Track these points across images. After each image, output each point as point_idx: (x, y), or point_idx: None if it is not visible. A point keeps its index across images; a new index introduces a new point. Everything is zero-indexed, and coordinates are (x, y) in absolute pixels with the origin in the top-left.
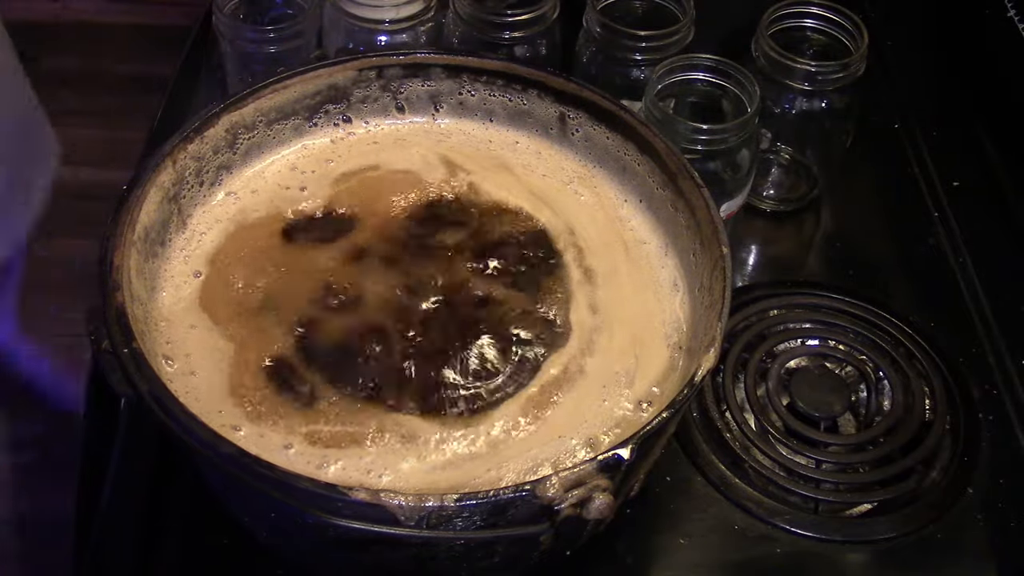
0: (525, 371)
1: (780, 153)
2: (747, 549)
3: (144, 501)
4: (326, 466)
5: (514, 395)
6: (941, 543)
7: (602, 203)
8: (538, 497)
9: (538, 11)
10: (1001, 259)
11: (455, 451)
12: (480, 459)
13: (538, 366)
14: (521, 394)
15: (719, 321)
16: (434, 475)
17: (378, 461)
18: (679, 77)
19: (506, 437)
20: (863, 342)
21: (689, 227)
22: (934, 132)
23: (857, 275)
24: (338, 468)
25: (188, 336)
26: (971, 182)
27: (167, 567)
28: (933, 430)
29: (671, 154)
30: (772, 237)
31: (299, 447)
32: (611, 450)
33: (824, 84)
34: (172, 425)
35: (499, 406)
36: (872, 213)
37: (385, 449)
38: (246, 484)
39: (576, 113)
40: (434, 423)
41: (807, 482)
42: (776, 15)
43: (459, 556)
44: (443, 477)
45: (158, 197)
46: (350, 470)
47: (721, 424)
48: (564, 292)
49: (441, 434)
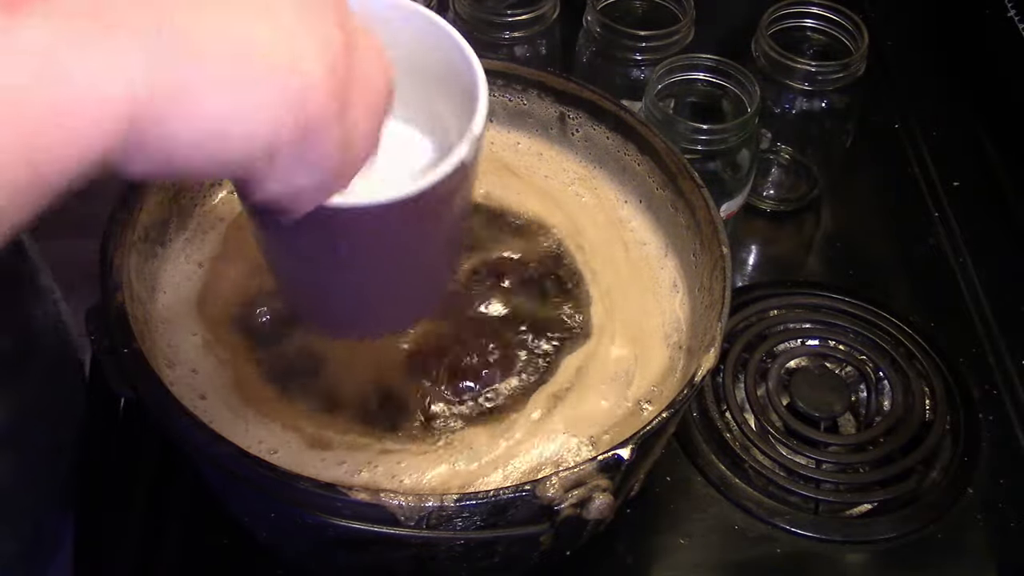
0: (537, 371)
1: (780, 153)
2: (747, 549)
3: (144, 501)
4: (326, 468)
5: (522, 395)
6: (941, 543)
7: (602, 204)
8: (538, 497)
9: (538, 11)
10: (1001, 259)
11: (472, 451)
12: (487, 459)
13: (549, 367)
14: (529, 394)
15: (719, 321)
16: (443, 476)
17: (387, 464)
18: (679, 77)
19: (510, 437)
20: (863, 342)
21: (689, 227)
22: (934, 132)
23: (857, 275)
24: (341, 468)
25: (189, 337)
26: (971, 182)
27: (167, 567)
28: (933, 430)
29: (671, 154)
30: (772, 237)
31: (299, 449)
32: (611, 450)
33: (824, 84)
34: (172, 425)
35: (507, 406)
36: (872, 213)
37: (393, 452)
38: (246, 484)
39: (576, 113)
40: (443, 429)
41: (807, 482)
42: (776, 15)
43: (459, 556)
44: (454, 474)
45: (159, 197)
46: (353, 472)
47: (721, 424)
48: (572, 293)
49: (452, 436)
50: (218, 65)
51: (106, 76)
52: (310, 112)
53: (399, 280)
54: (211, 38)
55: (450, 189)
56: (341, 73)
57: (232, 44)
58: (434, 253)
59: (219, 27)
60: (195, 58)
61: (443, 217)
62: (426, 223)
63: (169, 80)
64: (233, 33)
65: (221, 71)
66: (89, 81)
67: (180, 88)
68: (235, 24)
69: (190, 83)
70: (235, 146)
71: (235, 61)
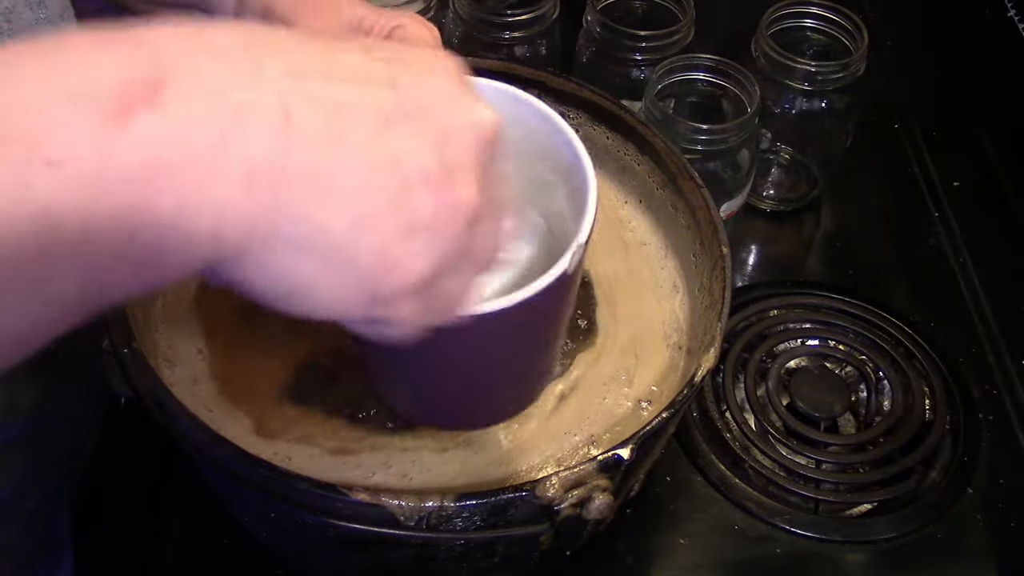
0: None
1: (780, 153)
2: (747, 549)
3: (144, 501)
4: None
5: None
6: (941, 543)
7: (603, 205)
8: (538, 497)
9: (538, 11)
10: (1001, 259)
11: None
12: (492, 458)
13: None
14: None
15: (719, 321)
16: (450, 475)
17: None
18: (679, 77)
19: (514, 436)
20: (863, 342)
21: (689, 227)
22: (934, 132)
23: (857, 275)
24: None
25: (189, 337)
26: (971, 182)
27: (167, 567)
28: (933, 430)
29: (671, 154)
30: (772, 237)
31: (301, 451)
32: (611, 450)
33: (824, 84)
34: (172, 425)
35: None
36: (872, 213)
37: (410, 449)
38: (246, 484)
39: (576, 113)
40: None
41: (807, 482)
42: (776, 15)
43: (459, 556)
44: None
45: None
46: (353, 474)
47: (721, 424)
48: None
49: (460, 435)
50: (310, 240)
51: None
52: (391, 296)
53: (496, 378)
54: (315, 206)
55: (551, 296)
56: (449, 260)
57: (326, 231)
58: (531, 352)
59: (327, 199)
60: (291, 223)
61: (540, 322)
62: (522, 329)
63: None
64: (331, 217)
65: (312, 246)
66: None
67: (265, 248)
68: (341, 206)
69: (275, 244)
70: (315, 309)
71: (326, 248)
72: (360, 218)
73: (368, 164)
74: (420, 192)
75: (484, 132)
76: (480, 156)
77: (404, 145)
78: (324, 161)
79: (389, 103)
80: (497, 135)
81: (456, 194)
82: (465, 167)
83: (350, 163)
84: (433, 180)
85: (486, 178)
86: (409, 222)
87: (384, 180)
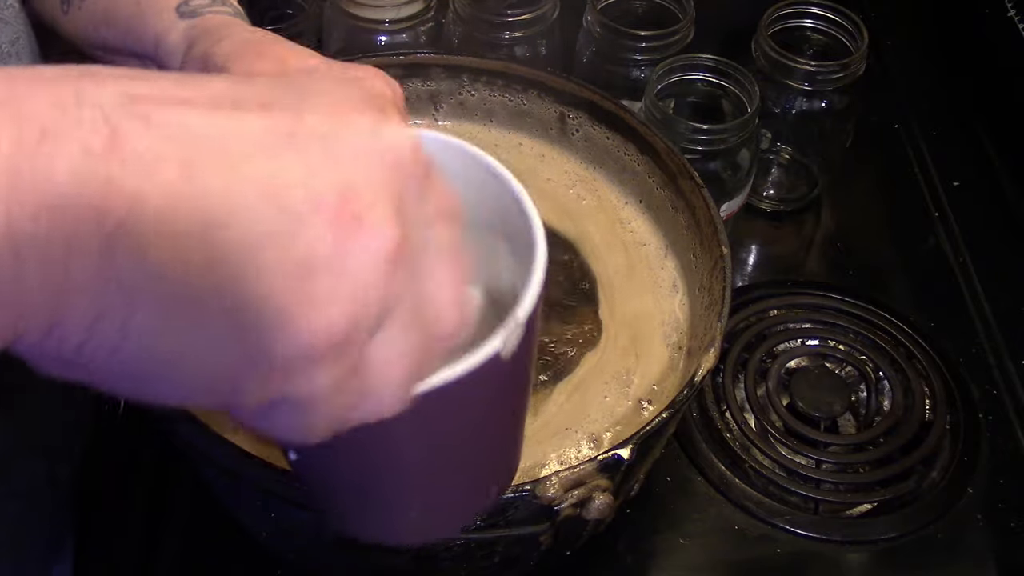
0: (552, 369)
1: (780, 153)
2: (747, 549)
3: (144, 501)
4: None
5: (545, 391)
6: (941, 543)
7: (603, 206)
8: (538, 497)
9: (538, 11)
10: (1001, 259)
11: None
12: None
13: (567, 366)
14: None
15: (719, 321)
16: None
17: None
18: (679, 77)
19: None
20: (863, 342)
21: (689, 227)
22: (934, 132)
23: (857, 275)
24: None
25: None
26: (971, 182)
27: (167, 567)
28: (933, 430)
29: (671, 154)
30: (772, 237)
31: None
32: (611, 450)
33: (824, 84)
34: (172, 426)
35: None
36: (872, 213)
37: None
38: (246, 484)
39: (576, 113)
40: None
41: (807, 482)
42: (776, 15)
43: (459, 556)
44: None
45: None
46: None
47: (721, 424)
48: (585, 296)
49: None
50: (154, 292)
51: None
52: (293, 360)
53: (401, 492)
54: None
55: (479, 386)
56: (370, 314)
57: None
58: (453, 458)
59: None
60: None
61: (464, 420)
62: (447, 422)
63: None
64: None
65: (160, 299)
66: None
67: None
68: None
69: (106, 305)
70: (181, 392)
71: (183, 300)
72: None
73: (232, 192)
74: (312, 224)
75: (398, 156)
76: (394, 185)
77: (284, 171)
78: (164, 187)
79: (260, 128)
80: (419, 163)
81: (364, 228)
82: (376, 197)
83: (205, 191)
84: (328, 209)
85: (416, 215)
86: (302, 260)
87: (259, 209)
